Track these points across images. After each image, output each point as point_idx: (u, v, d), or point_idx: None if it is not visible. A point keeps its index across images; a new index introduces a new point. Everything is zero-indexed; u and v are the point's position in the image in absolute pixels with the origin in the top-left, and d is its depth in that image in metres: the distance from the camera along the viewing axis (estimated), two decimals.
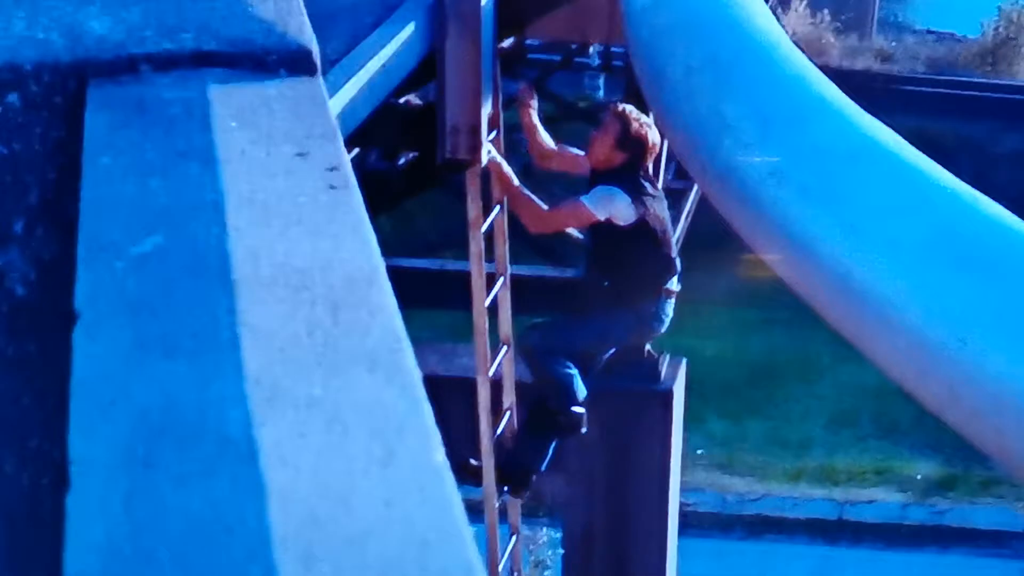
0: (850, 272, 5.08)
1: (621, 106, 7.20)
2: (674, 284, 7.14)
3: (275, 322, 1.47)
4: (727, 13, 6.32)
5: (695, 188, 11.41)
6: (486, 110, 6.63)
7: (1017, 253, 4.78)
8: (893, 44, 27.98)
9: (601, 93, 22.12)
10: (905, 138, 5.50)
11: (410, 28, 6.03)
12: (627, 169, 6.85)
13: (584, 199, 6.90)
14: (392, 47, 5.80)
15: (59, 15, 2.07)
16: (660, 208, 7.00)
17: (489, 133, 6.75)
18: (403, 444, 1.30)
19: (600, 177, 6.94)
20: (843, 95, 5.76)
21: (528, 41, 16.14)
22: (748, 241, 5.87)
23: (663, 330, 7.33)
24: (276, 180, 1.72)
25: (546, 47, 18.25)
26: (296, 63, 1.97)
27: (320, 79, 1.97)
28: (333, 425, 1.32)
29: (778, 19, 6.95)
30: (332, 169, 1.74)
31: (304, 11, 2.10)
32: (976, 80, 25.61)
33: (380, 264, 1.58)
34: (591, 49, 18.41)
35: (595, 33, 10.76)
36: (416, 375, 1.40)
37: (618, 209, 6.81)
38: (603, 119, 7.10)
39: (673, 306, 7.20)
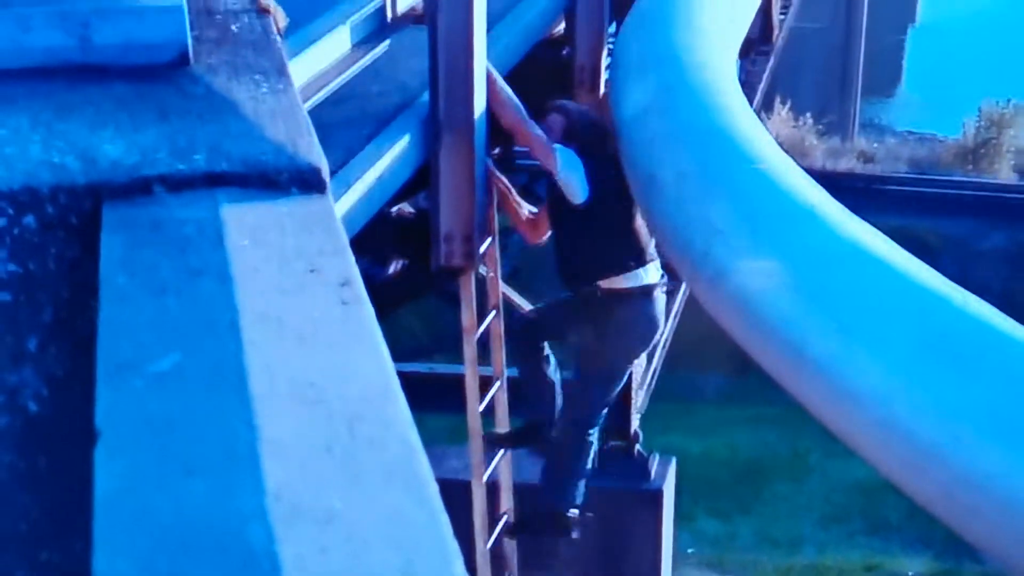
0: (841, 371, 5.09)
1: (558, 101, 6.99)
2: (620, 282, 6.71)
3: (293, 437, 1.49)
4: (715, 119, 6.39)
5: (683, 287, 11.43)
6: (479, 217, 6.65)
7: (1005, 351, 4.82)
8: (875, 145, 28.23)
9: None
10: (889, 237, 5.55)
11: (405, 140, 6.08)
12: (583, 158, 6.66)
13: (558, 148, 6.62)
14: (387, 159, 5.85)
15: (74, 139, 2.11)
16: (618, 198, 6.69)
17: (483, 240, 6.75)
18: (421, 556, 1.32)
19: None
20: (829, 197, 5.82)
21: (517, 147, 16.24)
22: (738, 341, 5.90)
23: (624, 332, 6.88)
24: (289, 296, 1.75)
25: None
26: (306, 181, 2.00)
27: (329, 196, 2.01)
28: (353, 538, 1.34)
29: (762, 122, 7.03)
30: (344, 284, 1.78)
31: (313, 130, 2.14)
32: (958, 179, 25.81)
33: (393, 377, 1.61)
34: None
35: None
36: (432, 487, 1.42)
37: (574, 182, 6.61)
38: (544, 121, 6.78)
39: (635, 307, 6.76)
